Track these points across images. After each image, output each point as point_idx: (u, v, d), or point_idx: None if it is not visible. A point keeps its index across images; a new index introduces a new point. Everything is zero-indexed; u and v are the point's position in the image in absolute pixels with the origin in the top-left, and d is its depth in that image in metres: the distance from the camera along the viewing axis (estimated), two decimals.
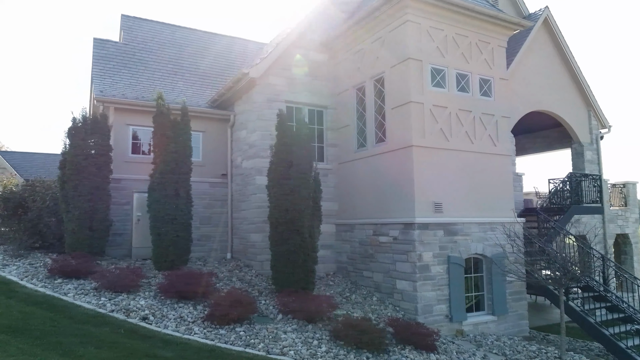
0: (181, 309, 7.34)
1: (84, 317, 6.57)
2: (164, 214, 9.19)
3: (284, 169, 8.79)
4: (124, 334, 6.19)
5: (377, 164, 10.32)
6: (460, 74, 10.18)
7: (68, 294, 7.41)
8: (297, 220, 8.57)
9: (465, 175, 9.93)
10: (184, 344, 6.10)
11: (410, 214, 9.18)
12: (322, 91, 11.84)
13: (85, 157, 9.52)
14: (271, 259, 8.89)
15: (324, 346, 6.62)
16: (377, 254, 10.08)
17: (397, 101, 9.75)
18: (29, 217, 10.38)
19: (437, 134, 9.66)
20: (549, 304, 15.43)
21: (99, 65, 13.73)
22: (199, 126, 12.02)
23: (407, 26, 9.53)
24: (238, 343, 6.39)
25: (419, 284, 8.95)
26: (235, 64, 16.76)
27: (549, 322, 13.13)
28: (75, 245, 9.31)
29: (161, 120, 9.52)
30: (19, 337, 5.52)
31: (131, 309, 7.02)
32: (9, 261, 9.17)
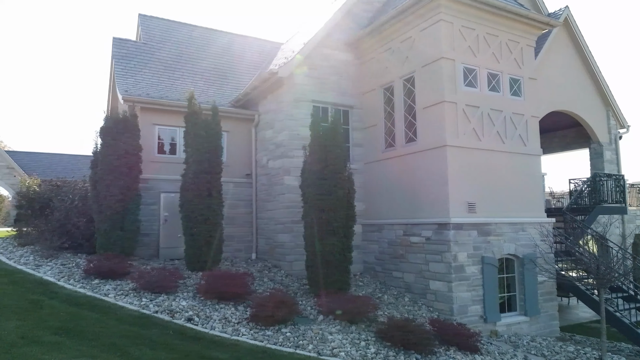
0: (223, 310, 7.28)
1: (130, 319, 6.52)
2: (198, 214, 9.13)
3: (319, 169, 8.74)
4: (172, 335, 6.13)
5: (407, 164, 10.28)
6: (491, 74, 10.15)
7: (109, 295, 7.35)
8: (333, 221, 8.53)
9: (497, 175, 9.89)
10: (234, 345, 6.05)
11: (444, 214, 9.13)
12: (347, 91, 11.80)
13: (117, 156, 9.46)
14: (306, 259, 8.84)
15: (372, 347, 6.57)
16: (408, 254, 10.03)
17: (429, 101, 9.71)
18: (56, 217, 10.31)
19: (470, 134, 9.62)
20: (567, 304, 15.44)
21: (120, 65, 13.67)
22: (223, 126, 11.89)
23: (440, 25, 9.49)
24: (287, 344, 6.33)
25: (455, 284, 8.90)
26: (252, 64, 16.70)
27: (571, 323, 13.09)
28: (107, 245, 9.24)
29: (194, 120, 9.47)
30: (73, 338, 5.46)
31: (175, 310, 6.96)
32: (40, 261, 9.11)
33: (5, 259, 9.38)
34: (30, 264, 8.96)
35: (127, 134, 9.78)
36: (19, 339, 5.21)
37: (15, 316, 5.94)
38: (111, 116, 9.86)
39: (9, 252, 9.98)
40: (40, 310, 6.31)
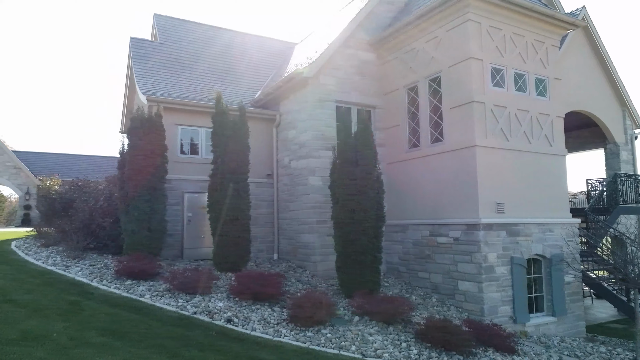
0: (260, 311, 7.26)
1: (170, 320, 6.48)
2: (226, 214, 9.09)
3: (349, 169, 8.71)
4: (216, 336, 6.10)
5: (433, 164, 10.25)
6: (517, 74, 10.13)
7: (144, 296, 7.32)
8: (365, 221, 8.51)
9: (524, 175, 9.87)
10: (279, 347, 6.02)
11: (474, 214, 9.11)
12: (370, 91, 11.77)
13: (144, 157, 9.41)
14: (337, 260, 8.81)
15: (414, 348, 6.55)
16: (434, 254, 10.00)
17: (456, 101, 9.69)
18: (80, 218, 10.27)
19: (498, 134, 9.60)
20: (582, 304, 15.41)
21: (139, 65, 13.63)
22: None
23: (468, 25, 9.47)
24: (329, 345, 6.30)
25: (485, 284, 8.88)
26: (267, 64, 16.67)
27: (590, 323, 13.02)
28: (134, 246, 9.19)
29: (222, 120, 9.43)
30: (120, 339, 5.42)
31: (213, 311, 6.93)
32: (68, 262, 9.07)
33: (33, 259, 9.34)
34: (59, 264, 8.92)
35: (152, 134, 9.74)
36: (69, 340, 5.17)
37: (59, 317, 5.90)
38: (137, 116, 9.81)
39: (34, 253, 9.94)
40: (82, 311, 6.27)
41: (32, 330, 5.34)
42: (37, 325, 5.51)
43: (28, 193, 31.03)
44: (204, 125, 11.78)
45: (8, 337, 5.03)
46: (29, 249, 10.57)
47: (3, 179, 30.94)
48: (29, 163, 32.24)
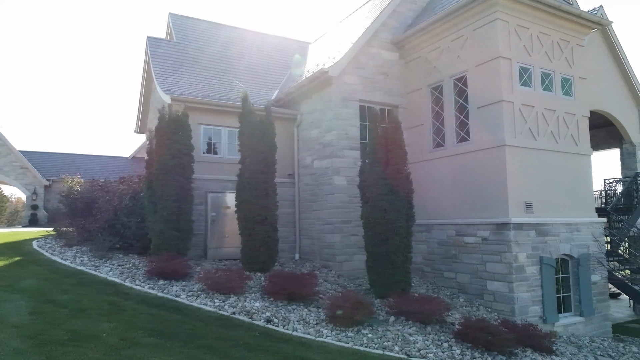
0: (297, 311, 7.22)
1: (211, 320, 6.45)
2: (256, 214, 9.05)
3: (379, 168, 8.68)
4: (259, 336, 6.06)
5: (459, 163, 10.22)
6: (544, 73, 10.11)
7: (180, 296, 7.28)
8: (396, 221, 8.47)
9: (551, 175, 9.84)
10: (324, 347, 5.98)
11: (503, 214, 9.08)
12: (393, 90, 11.74)
13: (172, 156, 9.38)
14: (367, 259, 8.77)
15: (456, 349, 6.52)
16: (461, 254, 9.97)
17: (484, 100, 9.66)
18: (105, 217, 10.23)
19: (526, 134, 9.57)
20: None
21: (158, 64, 13.59)
22: None
23: (497, 24, 9.44)
24: (372, 346, 6.27)
25: (515, 284, 8.84)
26: (282, 63, 16.65)
27: None
28: (163, 246, 9.14)
29: (249, 120, 9.39)
30: (169, 340, 5.39)
31: (251, 311, 6.89)
32: (96, 262, 9.03)
33: (60, 259, 9.30)
34: (87, 264, 8.88)
35: (179, 134, 9.70)
36: (120, 341, 5.13)
37: (103, 318, 5.86)
38: (164, 116, 9.76)
39: (59, 253, 9.90)
40: (123, 311, 6.23)
41: (79, 330, 5.30)
42: (84, 326, 5.47)
43: (35, 193, 30.96)
44: (226, 124, 11.77)
45: (59, 338, 4.99)
46: (52, 249, 10.52)
47: (10, 178, 30.86)
48: (35, 163, 32.18)
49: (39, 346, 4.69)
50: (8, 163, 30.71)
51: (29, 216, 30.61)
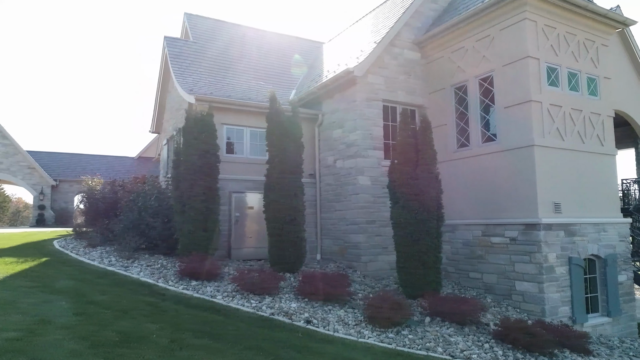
0: (334, 312, 7.19)
1: (252, 321, 6.41)
2: (284, 214, 9.02)
3: (410, 169, 8.65)
4: (303, 337, 6.03)
5: (485, 163, 10.19)
6: (570, 73, 10.09)
7: (216, 297, 7.25)
8: (427, 221, 8.45)
9: (578, 175, 9.82)
10: (369, 349, 5.95)
11: (533, 214, 9.05)
12: (415, 90, 11.71)
13: (199, 156, 9.34)
14: (398, 260, 8.74)
15: (498, 349, 6.49)
16: (488, 254, 9.94)
17: (511, 100, 9.63)
18: (130, 218, 10.19)
19: (554, 134, 9.55)
20: None
21: (176, 64, 13.57)
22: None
23: (525, 24, 9.41)
24: (415, 347, 6.24)
25: (546, 285, 8.82)
26: (297, 63, 16.62)
27: None
28: (191, 246, 9.11)
29: (278, 120, 9.36)
30: (218, 341, 5.35)
31: (289, 312, 6.86)
32: (124, 262, 9.00)
33: (87, 259, 9.27)
34: (116, 265, 8.84)
35: (205, 134, 9.67)
36: (170, 342, 5.09)
37: (147, 319, 5.82)
38: (190, 116, 9.73)
39: (84, 254, 9.87)
40: (164, 312, 6.20)
41: (128, 332, 5.26)
42: (131, 327, 5.43)
43: (42, 193, 30.90)
44: (249, 124, 11.75)
45: (111, 339, 4.95)
46: (75, 249, 10.50)
47: (17, 178, 30.79)
48: (42, 163, 32.13)
49: (94, 347, 4.65)
50: (15, 163, 30.64)
51: (36, 216, 30.55)
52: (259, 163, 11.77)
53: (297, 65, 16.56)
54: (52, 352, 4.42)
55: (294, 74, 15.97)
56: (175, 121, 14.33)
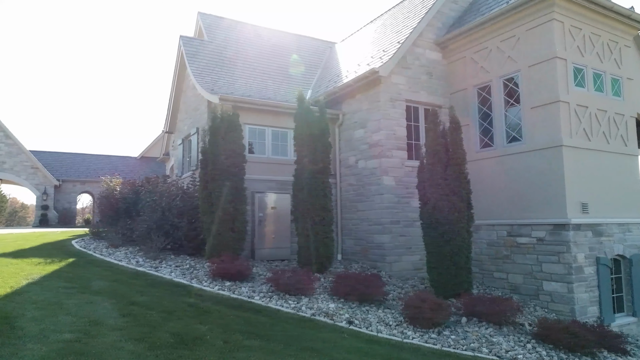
0: (372, 312, 7.18)
1: (295, 321, 6.38)
2: (314, 214, 8.99)
3: (441, 169, 8.64)
4: (350, 338, 6.00)
5: (509, 164, 10.20)
6: (595, 73, 10.12)
7: (254, 298, 7.20)
8: (458, 222, 8.45)
9: (604, 176, 9.85)
10: (417, 349, 5.93)
11: (561, 214, 9.07)
12: (437, 90, 11.72)
13: (227, 156, 9.30)
14: (429, 260, 8.73)
15: (541, 350, 6.50)
16: (514, 255, 9.96)
17: (539, 100, 9.65)
18: (153, 218, 10.12)
19: (581, 134, 9.58)
20: None
21: (194, 63, 13.50)
22: None
23: (553, 25, 9.43)
24: (460, 347, 6.23)
25: (575, 285, 8.84)
26: (310, 63, 16.64)
27: None
28: (219, 247, 9.06)
29: (308, 119, 9.33)
30: (270, 342, 5.31)
31: (329, 313, 6.83)
32: (152, 263, 8.93)
33: (114, 260, 9.19)
34: (144, 265, 8.78)
35: (232, 134, 9.62)
36: (224, 343, 5.05)
37: (195, 320, 5.77)
38: (216, 116, 9.67)
39: (108, 254, 9.79)
40: (208, 313, 6.14)
41: (180, 333, 5.21)
42: (181, 328, 5.38)
43: (45, 193, 30.68)
44: (270, 124, 11.71)
45: (166, 341, 4.90)
46: (97, 249, 10.43)
47: (21, 178, 30.57)
48: (45, 163, 31.93)
49: (152, 349, 4.60)
50: (19, 163, 30.41)
51: (39, 216, 30.32)
52: (279, 163, 11.76)
53: (312, 65, 16.54)
54: (113, 353, 4.38)
55: (309, 73, 15.94)
56: (192, 120, 14.27)
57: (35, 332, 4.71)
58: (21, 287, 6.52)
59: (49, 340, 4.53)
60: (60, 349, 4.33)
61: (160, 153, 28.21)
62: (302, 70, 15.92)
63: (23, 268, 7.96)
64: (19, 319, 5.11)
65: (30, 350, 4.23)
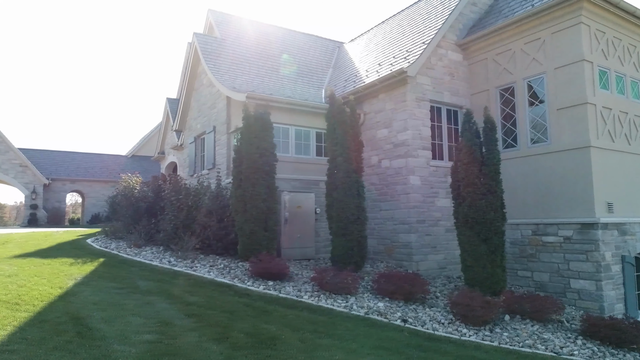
0: (420, 310, 7.22)
1: (352, 320, 6.38)
2: (349, 213, 8.98)
3: (476, 169, 8.74)
4: (411, 336, 6.01)
5: (535, 164, 10.37)
6: (617, 76, 10.38)
7: (303, 297, 7.16)
8: (496, 221, 8.56)
9: (625, 176, 10.11)
10: (478, 347, 5.97)
11: (589, 214, 9.27)
12: (458, 91, 11.84)
13: (260, 155, 9.21)
14: (465, 259, 8.78)
15: (591, 346, 6.63)
16: (539, 253, 10.13)
17: (565, 102, 9.84)
18: (180, 218, 9.95)
19: (606, 135, 9.81)
20: None
21: (211, 61, 13.35)
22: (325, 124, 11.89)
23: (580, 28, 9.64)
24: (516, 344, 6.32)
25: (604, 283, 9.05)
26: (321, 62, 16.64)
27: None
28: (253, 246, 8.98)
29: (341, 118, 9.32)
30: (342, 340, 5.30)
31: (381, 311, 6.83)
32: (186, 263, 8.80)
33: (144, 260, 9.02)
34: (177, 265, 8.64)
35: (265, 132, 9.54)
36: (300, 342, 5.02)
37: (259, 320, 5.71)
38: (251, 114, 9.57)
39: (135, 254, 9.61)
40: (268, 313, 6.09)
41: (252, 333, 5.16)
42: (251, 328, 5.32)
43: (35, 192, 29.86)
44: (293, 123, 11.66)
45: (244, 341, 4.85)
46: (121, 249, 10.23)
47: (9, 177, 29.69)
48: (35, 161, 31.14)
49: (237, 349, 4.54)
50: (7, 161, 29.55)
51: (28, 216, 29.50)
52: (302, 162, 11.74)
53: (322, 65, 16.54)
54: (202, 354, 4.32)
55: (321, 72, 15.92)
56: (206, 119, 14.10)
57: (114, 333, 4.60)
58: (70, 288, 6.36)
59: (132, 341, 4.44)
60: (148, 350, 4.25)
61: (155, 152, 27.72)
62: (313, 69, 15.89)
63: (59, 268, 7.75)
64: (88, 319, 5.00)
65: (120, 351, 4.14)
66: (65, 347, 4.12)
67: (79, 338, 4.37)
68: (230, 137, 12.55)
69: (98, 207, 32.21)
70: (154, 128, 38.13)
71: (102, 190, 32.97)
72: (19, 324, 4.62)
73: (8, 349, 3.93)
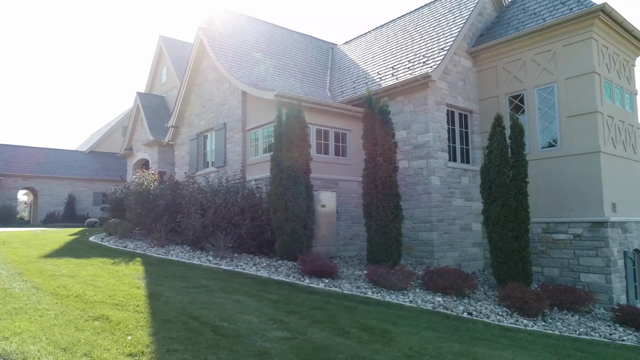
0: (474, 304, 7.60)
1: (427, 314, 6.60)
2: (389, 212, 9.23)
3: (505, 170, 9.29)
4: (485, 329, 6.35)
5: (546, 167, 11.14)
6: (617, 88, 11.39)
7: (367, 293, 7.31)
8: (526, 219, 9.16)
9: (626, 179, 11.13)
10: (548, 336, 6.41)
11: (599, 213, 10.13)
12: (470, 96, 12.44)
13: (300, 153, 9.24)
14: (497, 256, 9.30)
15: (630, 332, 7.30)
16: (550, 250, 10.90)
17: (576, 110, 10.66)
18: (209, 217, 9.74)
19: (610, 142, 10.75)
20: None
21: (222, 57, 13.09)
22: (343, 124, 12.11)
23: (591, 43, 10.50)
24: (572, 332, 6.86)
25: (613, 276, 9.93)
26: (320, 63, 16.78)
27: None
28: (292, 244, 9.01)
29: (382, 118, 9.54)
30: (441, 334, 5.52)
31: (445, 306, 7.14)
32: (226, 262, 8.65)
33: (186, 259, 8.79)
34: (221, 264, 8.54)
35: (302, 131, 9.55)
36: (414, 336, 5.19)
37: (351, 316, 5.82)
38: (291, 113, 9.53)
39: (164, 253, 9.33)
40: (353, 310, 6.19)
41: (365, 327, 5.27)
42: (355, 323, 5.43)
43: None
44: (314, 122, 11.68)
45: (359, 335, 4.95)
46: (144, 248, 9.88)
47: None
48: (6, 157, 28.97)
49: (367, 344, 4.64)
50: None
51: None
52: (324, 162, 11.82)
53: (322, 65, 16.68)
54: (346, 348, 4.37)
55: (321, 72, 16.06)
56: (214, 115, 13.80)
57: (245, 331, 4.59)
58: (149, 288, 6.13)
59: (269, 338, 4.45)
60: (297, 346, 4.25)
61: (122, 148, 26.56)
62: (314, 70, 16.00)
63: (108, 268, 7.40)
64: (206, 318, 4.91)
65: (271, 348, 4.12)
66: (216, 344, 4.05)
67: (218, 336, 4.29)
68: (246, 134, 12.40)
69: (53, 205, 30.38)
70: (114, 124, 36.39)
71: (57, 187, 31.17)
72: (145, 324, 4.45)
73: (169, 348, 3.81)
